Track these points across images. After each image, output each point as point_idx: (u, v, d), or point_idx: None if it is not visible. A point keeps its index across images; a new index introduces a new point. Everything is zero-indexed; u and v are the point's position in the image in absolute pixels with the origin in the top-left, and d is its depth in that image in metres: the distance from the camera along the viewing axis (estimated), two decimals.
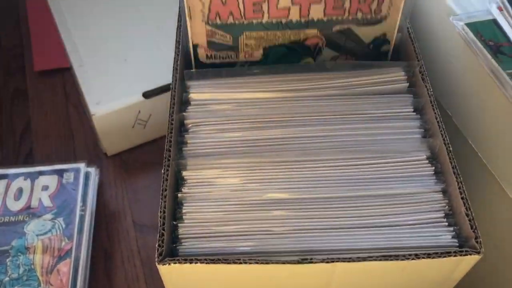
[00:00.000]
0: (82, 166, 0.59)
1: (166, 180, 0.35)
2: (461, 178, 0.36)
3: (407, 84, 0.42)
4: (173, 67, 0.42)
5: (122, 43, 0.68)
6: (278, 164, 0.37)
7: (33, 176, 0.58)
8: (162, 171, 0.36)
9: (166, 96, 0.64)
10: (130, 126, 0.64)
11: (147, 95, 0.63)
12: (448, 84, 0.49)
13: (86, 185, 0.58)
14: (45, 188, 0.57)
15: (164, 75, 0.65)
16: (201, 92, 0.41)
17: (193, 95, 0.41)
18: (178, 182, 0.37)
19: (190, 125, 0.40)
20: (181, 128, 0.40)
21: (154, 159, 0.66)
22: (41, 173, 0.58)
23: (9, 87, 0.73)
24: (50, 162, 0.65)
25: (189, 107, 0.41)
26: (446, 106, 0.50)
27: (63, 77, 0.74)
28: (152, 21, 0.71)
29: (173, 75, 0.41)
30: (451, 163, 0.37)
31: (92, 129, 0.65)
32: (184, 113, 0.40)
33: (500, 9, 0.43)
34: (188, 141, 0.39)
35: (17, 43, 0.78)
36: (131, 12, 0.72)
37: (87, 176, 0.59)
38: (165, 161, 0.36)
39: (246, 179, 0.37)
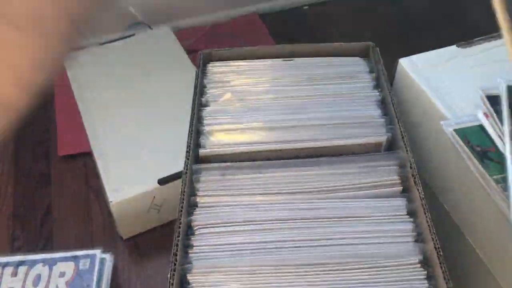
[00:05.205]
0: (98, 252, 0.62)
1: (172, 284, 0.38)
2: (451, 283, 0.38)
3: (401, 188, 0.44)
4: (183, 172, 0.45)
5: (141, 131, 0.73)
6: (278, 268, 0.39)
7: (51, 263, 0.60)
8: (168, 275, 0.38)
9: (180, 182, 0.69)
10: (145, 211, 0.68)
11: (162, 181, 0.67)
12: (443, 181, 0.51)
13: (101, 271, 0.60)
14: (62, 274, 0.59)
15: (179, 162, 0.69)
16: (207, 196, 0.44)
17: (200, 199, 0.44)
18: (183, 287, 0.40)
19: (197, 228, 0.43)
20: (188, 231, 0.43)
21: (167, 242, 0.68)
22: (58, 259, 0.61)
23: (35, 172, 0.78)
24: (68, 244, 0.68)
25: (197, 210, 0.44)
26: (444, 201, 0.52)
27: (85, 161, 0.78)
28: (169, 110, 0.76)
29: (182, 180, 0.45)
30: (441, 267, 0.38)
31: (109, 212, 0.69)
32: (191, 217, 0.43)
33: (486, 116, 0.46)
34: (194, 245, 0.42)
35: (44, 128, 0.84)
36: (150, 103, 0.77)
37: (102, 262, 0.61)
38: (171, 266, 0.39)
39: (248, 284, 0.39)
